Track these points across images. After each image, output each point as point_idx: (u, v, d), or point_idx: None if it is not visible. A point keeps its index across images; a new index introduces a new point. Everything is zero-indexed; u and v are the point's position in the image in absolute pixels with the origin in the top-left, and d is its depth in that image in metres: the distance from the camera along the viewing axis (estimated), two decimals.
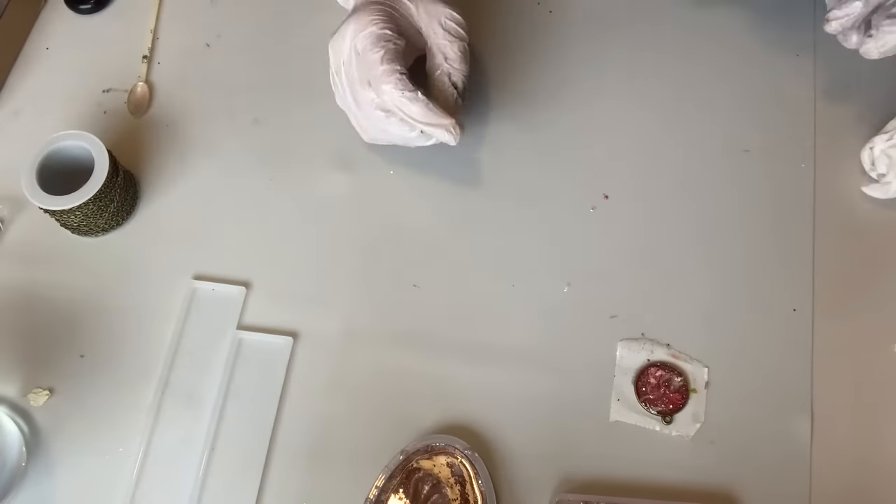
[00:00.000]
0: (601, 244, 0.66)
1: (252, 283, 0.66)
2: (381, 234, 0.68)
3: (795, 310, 0.63)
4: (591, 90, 0.72)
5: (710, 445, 0.59)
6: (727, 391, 0.60)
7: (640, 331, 0.63)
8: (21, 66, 0.78)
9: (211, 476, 0.60)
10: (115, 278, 0.67)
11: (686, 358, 0.61)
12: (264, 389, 0.62)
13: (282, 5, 0.79)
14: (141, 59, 0.77)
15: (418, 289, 0.65)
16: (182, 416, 0.62)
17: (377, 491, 0.57)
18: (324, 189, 0.70)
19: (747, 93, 0.69)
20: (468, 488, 0.57)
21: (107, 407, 0.63)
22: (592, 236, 0.66)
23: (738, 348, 0.62)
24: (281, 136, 0.73)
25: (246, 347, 0.64)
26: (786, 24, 0.73)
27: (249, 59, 0.77)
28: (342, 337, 0.64)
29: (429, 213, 0.68)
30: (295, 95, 0.74)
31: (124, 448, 0.61)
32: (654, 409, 0.60)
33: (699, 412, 0.60)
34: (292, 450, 0.61)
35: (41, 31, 0.80)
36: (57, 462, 0.61)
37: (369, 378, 0.63)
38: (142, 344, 0.65)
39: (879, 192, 0.65)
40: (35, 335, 0.65)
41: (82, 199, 0.64)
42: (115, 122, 0.74)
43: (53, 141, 0.66)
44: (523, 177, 0.69)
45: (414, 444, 0.59)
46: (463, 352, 0.63)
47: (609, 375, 0.61)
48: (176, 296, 0.66)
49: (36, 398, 0.63)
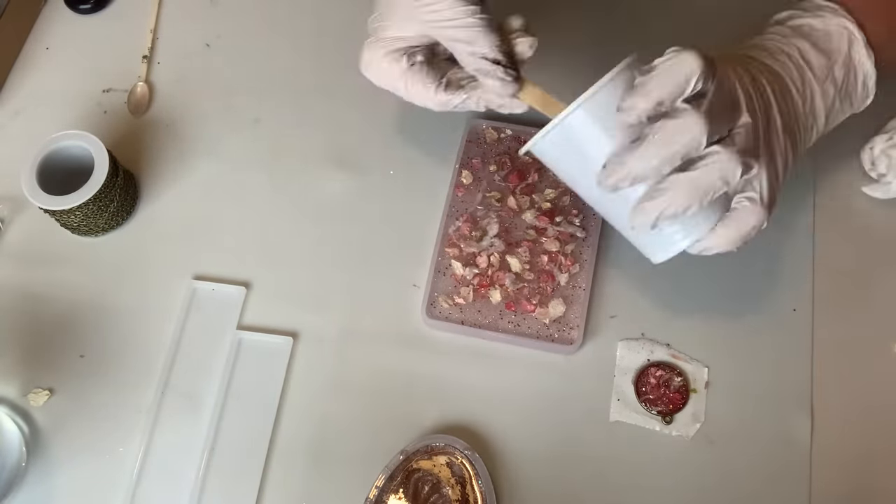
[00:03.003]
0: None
1: (252, 283, 0.66)
2: (381, 234, 0.68)
3: (795, 310, 0.63)
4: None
5: (710, 445, 0.59)
6: (727, 391, 0.60)
7: (640, 331, 0.63)
8: (21, 66, 0.78)
9: (211, 476, 0.60)
10: (115, 278, 0.67)
11: (686, 358, 0.61)
12: (264, 389, 0.62)
13: (281, 5, 0.79)
14: (141, 59, 0.77)
15: (418, 289, 0.65)
16: (182, 415, 0.62)
17: (377, 491, 0.57)
18: (324, 189, 0.70)
19: None
20: (468, 488, 0.57)
21: (107, 407, 0.63)
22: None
23: (738, 348, 0.62)
24: (281, 136, 0.73)
25: (246, 347, 0.64)
26: None
27: (249, 59, 0.77)
28: (342, 337, 0.64)
29: (429, 212, 0.68)
30: (295, 95, 0.74)
31: (124, 448, 0.61)
32: (654, 409, 0.60)
33: (699, 412, 0.60)
34: (292, 450, 0.61)
35: (41, 31, 0.80)
36: (57, 462, 0.61)
37: (369, 378, 0.63)
38: (142, 344, 0.65)
39: (879, 192, 0.65)
40: (35, 335, 0.65)
41: (82, 199, 0.64)
42: (115, 122, 0.74)
43: (53, 141, 0.66)
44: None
45: (414, 444, 0.59)
46: (463, 352, 0.63)
47: (609, 375, 0.61)
48: (176, 296, 0.66)
49: (36, 398, 0.63)
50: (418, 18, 0.56)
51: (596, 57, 0.57)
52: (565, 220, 0.66)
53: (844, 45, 0.57)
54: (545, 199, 0.67)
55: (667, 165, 0.47)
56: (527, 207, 0.67)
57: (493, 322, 0.63)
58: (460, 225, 0.66)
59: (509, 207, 0.67)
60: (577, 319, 0.62)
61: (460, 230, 0.66)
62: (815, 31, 0.57)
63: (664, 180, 0.48)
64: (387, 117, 0.73)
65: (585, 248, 0.65)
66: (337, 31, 0.77)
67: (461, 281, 0.64)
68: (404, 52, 0.58)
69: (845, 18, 0.57)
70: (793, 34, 0.57)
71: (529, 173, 0.68)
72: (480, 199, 0.67)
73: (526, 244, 0.65)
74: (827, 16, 0.57)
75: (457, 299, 0.63)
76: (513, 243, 0.65)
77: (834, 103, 0.57)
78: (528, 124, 0.70)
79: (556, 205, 0.67)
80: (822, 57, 0.57)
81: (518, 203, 0.67)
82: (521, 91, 0.56)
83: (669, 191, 0.48)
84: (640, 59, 0.50)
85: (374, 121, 0.72)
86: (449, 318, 0.63)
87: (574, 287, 0.63)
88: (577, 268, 0.64)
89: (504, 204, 0.67)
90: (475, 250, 0.65)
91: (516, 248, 0.65)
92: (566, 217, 0.66)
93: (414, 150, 0.71)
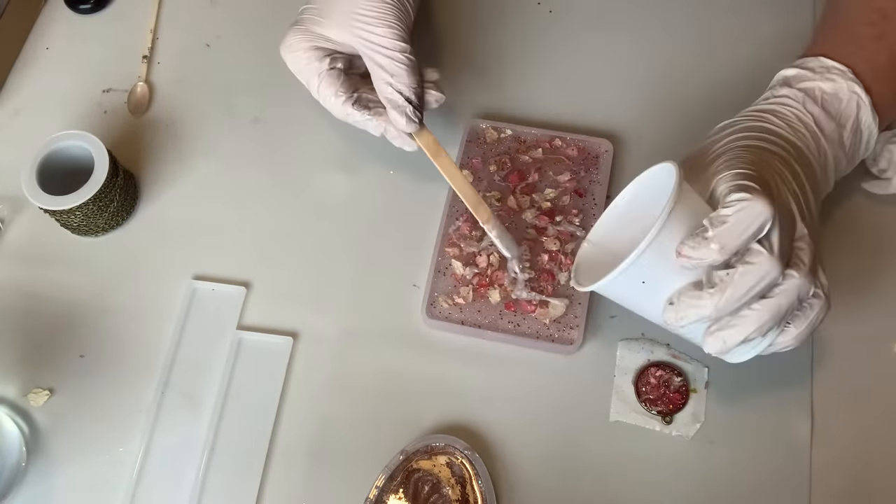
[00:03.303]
0: None
1: (252, 283, 0.66)
2: (381, 234, 0.68)
3: None
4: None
5: (710, 445, 0.59)
6: (727, 391, 0.60)
7: (640, 331, 0.63)
8: (21, 66, 0.78)
9: (211, 476, 0.60)
10: (115, 278, 0.67)
11: (686, 358, 0.61)
12: (264, 389, 0.62)
13: (281, 5, 0.79)
14: (141, 59, 0.77)
15: (418, 289, 0.65)
16: (182, 415, 0.62)
17: (377, 491, 0.57)
18: (324, 189, 0.70)
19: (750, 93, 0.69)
20: (468, 488, 0.57)
21: (107, 407, 0.63)
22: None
23: None
24: (281, 136, 0.73)
25: (246, 347, 0.64)
26: (784, 27, 0.73)
27: (249, 59, 0.77)
28: (342, 337, 0.64)
29: (429, 212, 0.68)
30: (295, 95, 0.74)
31: (124, 448, 0.61)
32: (654, 409, 0.60)
33: (699, 412, 0.60)
34: (292, 450, 0.61)
35: (41, 31, 0.80)
36: (57, 462, 0.61)
37: (369, 378, 0.63)
38: (142, 344, 0.65)
39: (880, 189, 0.65)
40: (35, 335, 0.66)
41: (82, 199, 0.64)
42: (115, 122, 0.74)
43: (53, 141, 0.66)
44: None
45: (414, 444, 0.59)
46: (463, 352, 0.63)
47: (609, 375, 0.61)
48: (176, 296, 0.66)
49: (36, 398, 0.63)
50: (353, 31, 0.60)
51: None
52: (565, 219, 0.66)
53: (853, 109, 0.57)
54: (545, 199, 0.67)
55: (745, 306, 0.48)
56: (527, 207, 0.67)
57: (492, 322, 0.63)
58: (460, 224, 0.66)
59: (509, 207, 0.67)
60: (577, 319, 0.62)
61: (460, 230, 0.66)
62: (825, 96, 0.58)
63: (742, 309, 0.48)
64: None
65: None
66: None
67: (461, 280, 0.64)
68: (327, 54, 0.62)
69: (854, 82, 0.57)
70: (806, 99, 0.58)
71: (529, 173, 0.68)
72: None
73: (526, 243, 0.65)
74: (837, 79, 0.58)
75: (457, 299, 0.63)
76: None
77: (840, 167, 0.59)
78: (528, 124, 0.70)
79: (556, 204, 0.67)
80: (833, 122, 0.57)
81: (518, 202, 0.67)
82: (418, 133, 0.61)
83: (749, 318, 0.48)
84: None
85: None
86: (449, 318, 0.63)
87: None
88: None
89: (504, 203, 0.67)
90: (475, 250, 0.65)
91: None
92: (566, 216, 0.66)
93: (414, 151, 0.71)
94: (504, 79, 0.73)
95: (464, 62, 0.75)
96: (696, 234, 0.48)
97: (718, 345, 0.49)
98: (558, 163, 0.68)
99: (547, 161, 0.69)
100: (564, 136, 0.69)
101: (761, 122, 0.57)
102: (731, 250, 0.47)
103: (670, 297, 0.50)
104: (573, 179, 0.68)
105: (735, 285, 0.47)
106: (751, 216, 0.47)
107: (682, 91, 0.72)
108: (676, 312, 0.49)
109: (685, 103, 0.71)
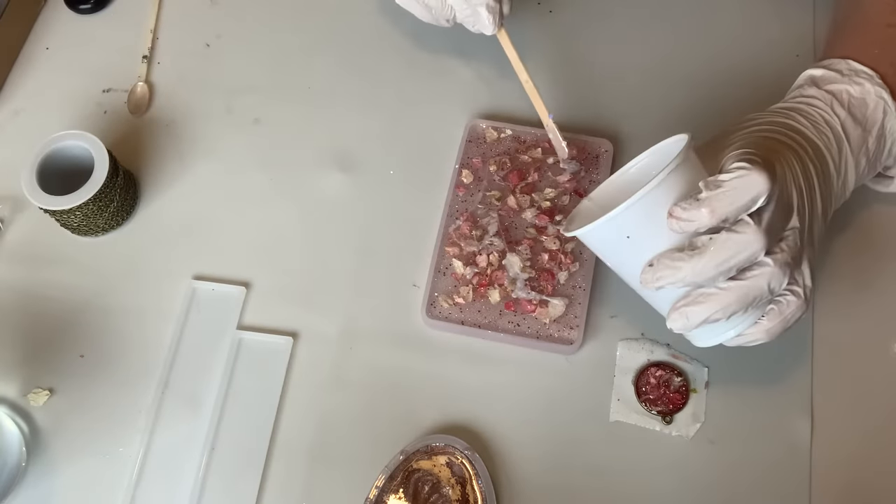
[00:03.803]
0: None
1: (252, 283, 0.66)
2: (381, 234, 0.68)
3: None
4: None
5: (710, 445, 0.59)
6: (727, 391, 0.60)
7: (640, 331, 0.63)
8: (21, 66, 0.78)
9: (211, 476, 0.60)
10: (115, 278, 0.67)
11: (686, 358, 0.61)
12: (264, 389, 0.62)
13: (281, 5, 0.79)
14: (141, 59, 0.77)
15: (418, 288, 0.65)
16: (182, 416, 0.62)
17: (377, 491, 0.57)
18: (324, 189, 0.70)
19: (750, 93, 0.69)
20: (468, 488, 0.57)
21: (107, 407, 0.63)
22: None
23: (738, 348, 0.61)
24: (281, 136, 0.73)
25: (246, 347, 0.64)
26: (785, 24, 0.73)
27: (249, 59, 0.77)
28: (342, 337, 0.64)
29: (429, 212, 0.68)
30: (295, 95, 0.74)
31: (124, 448, 0.61)
32: (654, 409, 0.60)
33: (699, 412, 0.60)
34: (292, 450, 0.61)
35: (41, 31, 0.80)
36: (57, 462, 0.61)
37: (369, 378, 0.63)
38: (142, 344, 0.65)
39: (882, 186, 0.64)
40: (35, 335, 0.66)
41: (82, 199, 0.64)
42: (115, 122, 0.74)
43: (53, 141, 0.66)
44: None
45: (414, 444, 0.59)
46: (463, 352, 0.63)
47: (609, 375, 0.61)
48: (176, 296, 0.66)
49: (36, 398, 0.63)
50: None
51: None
52: (565, 218, 0.66)
53: (880, 115, 0.57)
54: (545, 199, 0.67)
55: (721, 277, 0.47)
56: (527, 206, 0.67)
57: (492, 322, 0.63)
58: (460, 224, 0.66)
59: (509, 206, 0.67)
60: (577, 319, 0.62)
61: (460, 229, 0.66)
62: (853, 100, 0.57)
63: (710, 285, 0.48)
64: (386, 117, 0.73)
65: (585, 247, 0.65)
66: (337, 31, 0.77)
67: (461, 280, 0.64)
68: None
69: (881, 87, 0.57)
70: (833, 101, 0.57)
71: (529, 173, 0.68)
72: (481, 199, 0.67)
73: (526, 242, 0.65)
74: (864, 83, 0.57)
75: (457, 299, 0.63)
76: (513, 242, 0.65)
77: (863, 173, 0.58)
78: (528, 124, 0.70)
79: (556, 204, 0.67)
80: (859, 128, 0.57)
81: (518, 202, 0.67)
82: (499, 32, 0.66)
83: (716, 297, 0.48)
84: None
85: (374, 121, 0.72)
86: (449, 318, 0.63)
87: (574, 287, 0.63)
88: (577, 266, 0.64)
89: (504, 203, 0.67)
90: (475, 249, 0.65)
91: (517, 246, 0.65)
92: (566, 216, 0.66)
93: (414, 150, 0.71)
94: (504, 79, 0.73)
95: (464, 62, 0.75)
96: (691, 196, 0.48)
97: (682, 321, 0.49)
98: (558, 163, 0.68)
99: (546, 164, 0.69)
100: (564, 136, 0.69)
101: (786, 118, 0.57)
102: (721, 216, 0.46)
103: (651, 259, 0.49)
104: (573, 179, 0.68)
105: (716, 250, 0.47)
106: (746, 185, 0.47)
107: (683, 91, 0.72)
108: (654, 273, 0.48)
109: (685, 104, 0.71)
